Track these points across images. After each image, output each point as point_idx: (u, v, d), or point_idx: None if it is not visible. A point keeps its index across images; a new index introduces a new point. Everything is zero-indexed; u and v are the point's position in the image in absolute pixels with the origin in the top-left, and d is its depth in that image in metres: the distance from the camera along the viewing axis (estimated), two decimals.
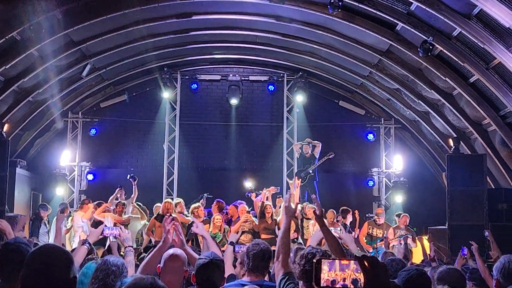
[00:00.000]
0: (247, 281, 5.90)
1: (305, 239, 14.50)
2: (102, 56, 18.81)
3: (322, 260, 2.56)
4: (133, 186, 16.86)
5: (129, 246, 6.30)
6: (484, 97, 16.18)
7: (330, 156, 18.50)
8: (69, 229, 15.45)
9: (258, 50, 20.79)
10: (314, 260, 2.57)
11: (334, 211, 15.67)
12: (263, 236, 13.70)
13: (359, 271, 2.51)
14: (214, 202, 16.03)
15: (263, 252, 5.93)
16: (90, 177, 21.87)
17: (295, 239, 13.87)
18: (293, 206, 5.53)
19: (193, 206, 15.12)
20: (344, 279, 2.52)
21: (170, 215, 13.74)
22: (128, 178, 17.11)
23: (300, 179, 17.41)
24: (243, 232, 14.34)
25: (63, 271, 3.44)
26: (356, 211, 16.75)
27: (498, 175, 17.73)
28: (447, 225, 14.88)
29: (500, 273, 5.40)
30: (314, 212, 5.59)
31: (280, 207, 14.64)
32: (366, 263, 2.48)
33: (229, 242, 8.63)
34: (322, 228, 5.54)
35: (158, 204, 15.92)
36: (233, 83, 22.29)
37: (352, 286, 2.52)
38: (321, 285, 2.54)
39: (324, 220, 5.87)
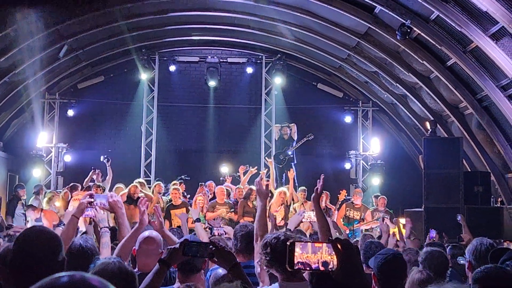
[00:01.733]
0: None
1: (286, 223, 14.55)
2: (79, 37, 18.61)
3: (296, 242, 2.57)
4: (107, 167, 16.78)
5: (105, 227, 6.27)
6: (461, 80, 16.28)
7: (310, 138, 18.51)
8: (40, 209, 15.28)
9: (236, 32, 20.73)
10: (288, 243, 2.58)
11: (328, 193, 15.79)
12: (245, 218, 13.74)
13: (331, 254, 2.52)
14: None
15: (251, 234, 5.97)
16: (68, 158, 21.77)
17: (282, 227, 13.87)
18: (264, 188, 5.62)
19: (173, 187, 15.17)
20: (316, 262, 2.54)
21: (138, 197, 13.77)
22: (101, 159, 17.02)
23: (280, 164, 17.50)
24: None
25: (52, 253, 3.43)
26: (344, 191, 16.74)
27: (474, 158, 17.88)
28: (423, 207, 14.97)
29: (472, 255, 5.49)
30: (316, 190, 5.70)
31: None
32: (339, 246, 2.50)
33: (194, 219, 8.63)
34: (316, 208, 5.70)
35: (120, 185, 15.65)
36: (211, 65, 22.21)
37: (323, 268, 2.54)
38: (294, 267, 2.56)
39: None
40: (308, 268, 2.56)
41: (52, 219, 13.68)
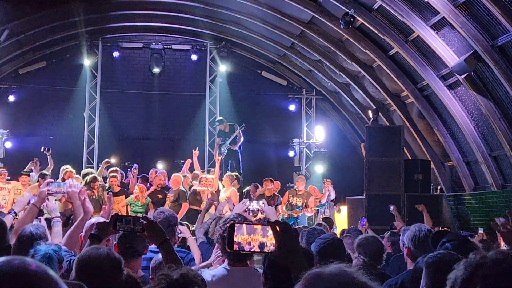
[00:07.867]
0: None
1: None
2: (20, 21, 18.28)
3: (235, 224, 2.63)
4: (48, 157, 16.60)
5: (56, 217, 6.23)
6: (402, 69, 16.54)
7: (242, 128, 18.25)
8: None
9: (181, 18, 20.62)
10: (228, 224, 2.65)
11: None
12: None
13: (269, 236, 2.59)
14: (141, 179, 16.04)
15: (168, 219, 5.99)
16: (8, 144, 21.37)
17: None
18: None
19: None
20: (253, 243, 2.60)
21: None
22: (42, 150, 16.81)
23: (220, 156, 17.50)
24: None
25: None
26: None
27: (415, 147, 18.21)
28: (364, 195, 15.19)
29: (411, 241, 5.62)
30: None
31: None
32: (278, 228, 2.56)
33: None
34: None
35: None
36: (155, 51, 22.07)
37: (258, 250, 2.61)
38: (233, 248, 2.62)
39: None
40: (245, 249, 2.62)
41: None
